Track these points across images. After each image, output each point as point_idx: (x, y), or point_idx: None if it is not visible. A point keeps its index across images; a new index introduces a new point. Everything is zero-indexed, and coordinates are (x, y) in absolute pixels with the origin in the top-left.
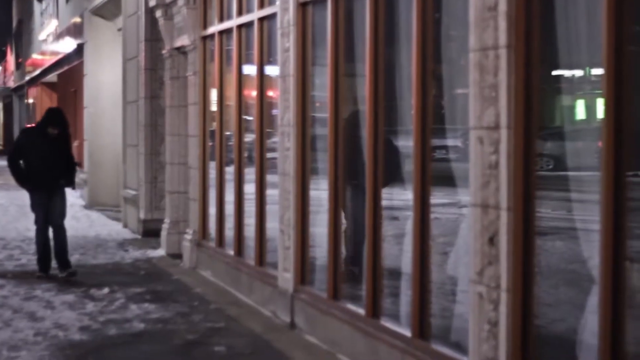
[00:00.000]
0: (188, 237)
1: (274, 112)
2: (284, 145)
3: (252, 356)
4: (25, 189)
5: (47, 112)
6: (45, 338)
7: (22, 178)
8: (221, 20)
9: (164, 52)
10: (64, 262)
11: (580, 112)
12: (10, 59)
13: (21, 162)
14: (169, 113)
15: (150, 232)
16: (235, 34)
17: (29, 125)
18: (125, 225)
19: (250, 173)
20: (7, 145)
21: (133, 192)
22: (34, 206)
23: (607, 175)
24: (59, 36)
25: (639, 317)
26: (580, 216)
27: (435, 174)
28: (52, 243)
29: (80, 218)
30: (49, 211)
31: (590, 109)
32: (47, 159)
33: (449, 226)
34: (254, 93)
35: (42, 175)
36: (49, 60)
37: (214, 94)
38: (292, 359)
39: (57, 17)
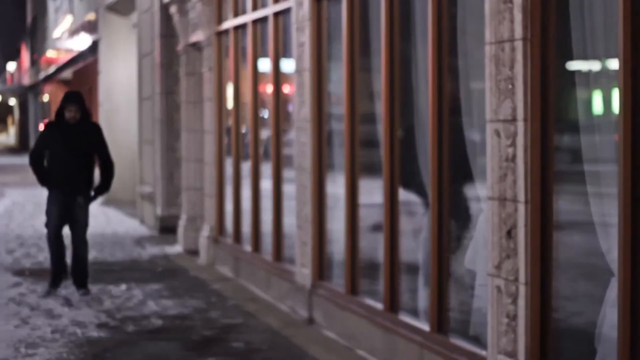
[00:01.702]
0: (205, 233)
1: (290, 107)
2: (300, 140)
3: (270, 352)
4: (45, 187)
5: (63, 96)
6: (63, 335)
7: (43, 176)
8: (236, 15)
9: (179, 48)
10: (81, 280)
11: (597, 104)
12: (25, 56)
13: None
14: (185, 109)
15: (167, 228)
16: (250, 29)
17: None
18: (142, 222)
19: (266, 169)
20: (23, 142)
21: (149, 189)
22: (48, 205)
23: (624, 168)
24: (73, 33)
25: None
26: (598, 209)
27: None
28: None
29: (97, 215)
30: (69, 218)
31: (607, 101)
32: (66, 151)
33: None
34: (270, 88)
35: (61, 170)
36: (64, 57)
37: (229, 90)
38: (311, 354)
39: (72, 13)
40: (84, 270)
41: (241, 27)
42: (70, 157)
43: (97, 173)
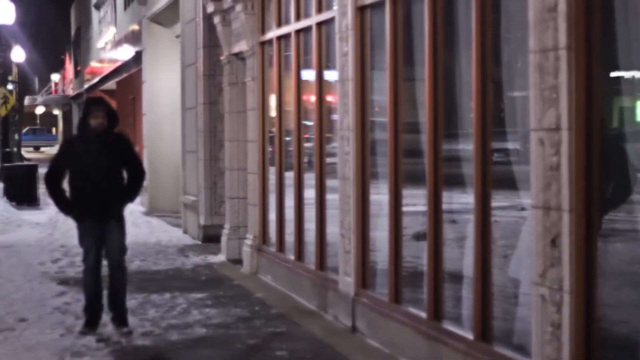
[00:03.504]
0: (248, 242)
1: (334, 117)
2: (343, 149)
3: None
4: (71, 217)
5: (85, 102)
6: (108, 344)
7: (63, 202)
8: (279, 25)
9: (222, 58)
10: (120, 314)
11: None
12: (69, 67)
13: (65, 184)
14: (228, 119)
15: (210, 237)
16: (294, 39)
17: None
18: (186, 231)
19: (310, 178)
20: None
21: (193, 198)
22: (82, 238)
23: None
24: (117, 44)
25: None
26: None
27: (494, 177)
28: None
29: (141, 224)
30: (104, 244)
31: None
32: (93, 168)
33: (509, 229)
34: (313, 98)
35: (90, 194)
36: (108, 68)
37: (272, 100)
38: None
39: (115, 24)
40: (122, 302)
41: (284, 37)
42: (98, 174)
43: None
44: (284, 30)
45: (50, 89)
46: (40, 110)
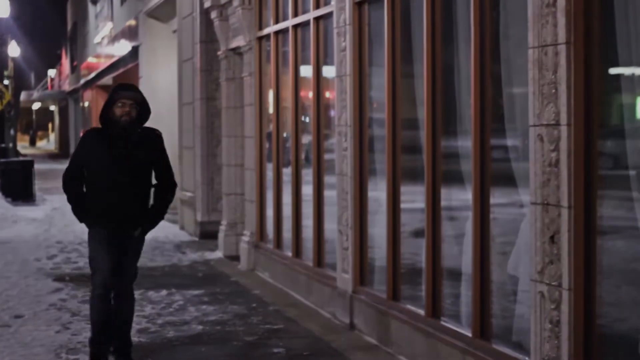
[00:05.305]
0: (245, 238)
1: (332, 113)
2: (341, 145)
3: (311, 357)
4: (85, 224)
5: (112, 89)
6: None
7: (82, 206)
8: (277, 20)
9: (219, 53)
10: (124, 347)
11: None
12: (65, 62)
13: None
14: (225, 114)
15: (207, 234)
16: (291, 34)
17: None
18: (182, 228)
19: (307, 174)
20: (63, 148)
21: (190, 194)
22: (94, 249)
23: None
24: (114, 39)
25: None
26: None
27: (493, 174)
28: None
29: None
30: (117, 263)
31: None
32: (117, 172)
33: (507, 226)
34: (311, 94)
35: (110, 201)
36: (104, 63)
37: (270, 95)
38: None
39: (112, 19)
40: (126, 334)
41: (282, 32)
42: (121, 179)
43: None
44: (281, 25)
45: (46, 84)
46: (36, 105)
